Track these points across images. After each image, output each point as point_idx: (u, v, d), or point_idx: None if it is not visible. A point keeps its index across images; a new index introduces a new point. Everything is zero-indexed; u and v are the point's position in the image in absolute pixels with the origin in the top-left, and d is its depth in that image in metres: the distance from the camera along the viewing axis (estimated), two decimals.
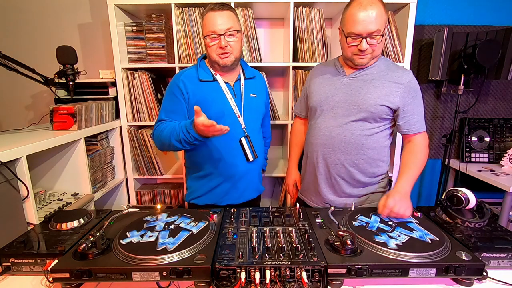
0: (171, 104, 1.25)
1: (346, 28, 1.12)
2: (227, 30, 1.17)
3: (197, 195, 1.34)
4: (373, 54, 1.14)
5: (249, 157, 1.28)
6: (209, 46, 1.21)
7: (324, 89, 1.26)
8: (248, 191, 1.36)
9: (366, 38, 1.09)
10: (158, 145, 1.24)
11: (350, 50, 1.15)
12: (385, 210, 1.01)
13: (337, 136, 1.21)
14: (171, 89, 1.26)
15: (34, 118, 2.24)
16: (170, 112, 1.24)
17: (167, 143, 1.18)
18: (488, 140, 2.22)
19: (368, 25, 1.06)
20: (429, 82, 2.22)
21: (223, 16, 1.17)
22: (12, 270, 0.84)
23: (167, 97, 1.27)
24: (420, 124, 1.19)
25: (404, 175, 1.14)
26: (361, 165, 1.22)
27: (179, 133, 1.12)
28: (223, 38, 1.17)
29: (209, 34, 1.18)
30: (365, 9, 1.05)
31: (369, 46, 1.10)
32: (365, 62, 1.16)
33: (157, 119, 1.27)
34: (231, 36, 1.19)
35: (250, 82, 1.35)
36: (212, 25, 1.17)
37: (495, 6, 2.12)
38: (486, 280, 0.81)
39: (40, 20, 2.10)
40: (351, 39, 1.12)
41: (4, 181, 1.04)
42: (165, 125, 1.20)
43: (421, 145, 1.19)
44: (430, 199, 2.47)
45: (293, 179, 1.52)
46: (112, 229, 0.93)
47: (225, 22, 1.17)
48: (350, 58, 1.17)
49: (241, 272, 0.74)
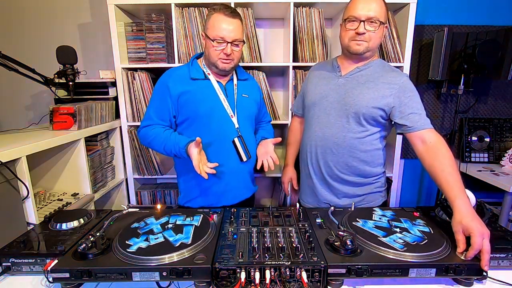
0: (158, 103, 1.26)
1: (346, 14, 1.14)
2: (236, 39, 1.18)
3: (191, 197, 1.33)
4: (370, 44, 1.13)
5: (243, 158, 1.28)
6: (212, 47, 1.19)
7: (319, 88, 1.26)
8: (242, 191, 1.36)
9: (364, 22, 1.09)
10: (144, 145, 1.30)
11: (348, 35, 1.15)
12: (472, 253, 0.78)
13: (330, 138, 1.20)
14: (159, 88, 1.26)
15: (34, 118, 2.23)
16: (157, 112, 1.25)
17: (155, 149, 1.25)
18: (488, 140, 2.22)
19: (367, 10, 1.09)
20: (429, 82, 2.22)
21: (234, 24, 1.18)
22: (12, 270, 0.84)
23: (155, 97, 1.27)
24: (424, 121, 1.09)
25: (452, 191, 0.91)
26: (354, 167, 1.21)
27: (171, 148, 1.18)
28: (230, 46, 1.18)
29: (217, 39, 1.17)
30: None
31: (367, 32, 1.10)
32: (361, 50, 1.14)
33: (144, 117, 1.28)
34: (237, 46, 1.21)
35: (243, 84, 1.35)
36: (221, 30, 1.16)
37: (495, 6, 2.12)
38: (486, 280, 0.81)
39: (40, 20, 2.10)
40: (350, 22, 1.12)
41: (4, 181, 1.04)
42: (156, 133, 1.22)
43: (437, 143, 1.03)
44: (430, 199, 2.47)
45: (289, 177, 1.52)
46: (112, 229, 0.93)
47: (235, 32, 1.18)
48: (347, 46, 1.17)
49: (241, 272, 0.74)
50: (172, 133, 1.22)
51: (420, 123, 1.10)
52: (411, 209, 1.09)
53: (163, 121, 1.26)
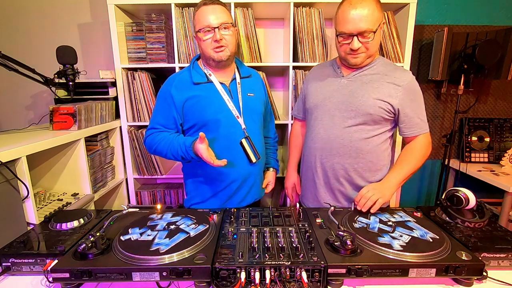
0: (162, 112, 1.23)
1: (338, 28, 1.11)
2: (222, 23, 1.15)
3: (198, 200, 1.31)
4: (367, 52, 1.11)
5: (252, 159, 1.25)
6: (203, 41, 1.17)
7: (321, 90, 1.24)
8: (250, 194, 1.32)
9: (357, 37, 1.07)
10: (151, 152, 1.27)
11: (343, 49, 1.13)
12: (357, 197, 1.02)
13: (336, 140, 1.19)
14: (163, 96, 1.24)
15: (34, 118, 2.23)
16: (161, 121, 1.23)
17: (163, 155, 1.22)
18: (488, 140, 2.22)
19: (358, 23, 1.05)
20: (429, 82, 2.22)
21: (216, 9, 1.15)
22: (12, 270, 0.84)
23: (159, 104, 1.25)
24: (420, 127, 1.16)
25: (394, 170, 1.15)
26: (360, 169, 1.20)
27: (177, 149, 1.15)
28: (218, 31, 1.14)
29: (203, 28, 1.15)
30: (355, 8, 1.04)
31: (362, 44, 1.08)
32: (359, 62, 1.13)
33: (149, 126, 1.26)
34: (226, 29, 1.17)
35: (247, 81, 1.32)
36: (206, 19, 1.14)
37: (495, 6, 2.12)
38: (486, 280, 0.81)
39: (40, 20, 2.10)
40: (342, 38, 1.10)
41: (4, 181, 1.04)
42: (161, 137, 1.20)
43: (421, 143, 1.18)
44: (430, 199, 2.47)
45: (292, 182, 1.49)
46: (112, 229, 0.93)
47: (219, 16, 1.15)
48: (343, 58, 1.16)
49: (241, 272, 0.74)
50: (177, 136, 1.20)
51: (415, 130, 1.16)
52: (411, 209, 1.09)
53: (170, 129, 1.24)
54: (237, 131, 1.24)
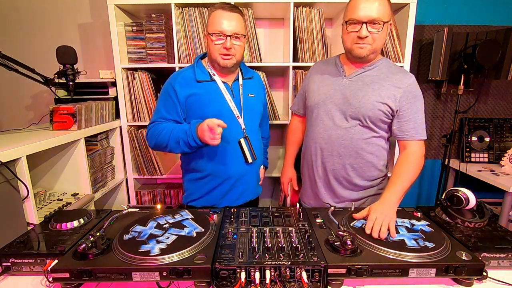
0: (166, 106, 1.24)
1: (347, 16, 1.10)
2: (235, 33, 1.17)
3: (194, 197, 1.33)
4: (373, 45, 1.10)
5: (248, 159, 1.27)
6: (213, 43, 1.18)
7: (323, 89, 1.23)
8: (246, 193, 1.35)
9: (366, 24, 1.06)
10: (152, 145, 1.26)
11: (350, 38, 1.11)
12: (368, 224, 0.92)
13: (336, 140, 1.19)
14: (167, 91, 1.24)
15: (34, 118, 2.24)
16: (165, 114, 1.24)
17: (164, 145, 1.20)
18: (488, 140, 2.22)
19: (369, 10, 1.04)
20: (429, 82, 2.22)
21: (233, 18, 1.17)
22: (12, 270, 0.84)
23: (162, 99, 1.26)
24: (416, 131, 1.12)
25: (392, 186, 1.06)
26: (360, 169, 1.20)
27: (179, 134, 1.15)
28: (229, 40, 1.16)
29: (216, 33, 1.16)
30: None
31: (370, 34, 1.07)
32: (364, 53, 1.11)
33: (152, 120, 1.27)
34: (237, 39, 1.19)
35: (249, 82, 1.34)
36: (220, 24, 1.15)
37: (495, 6, 2.12)
38: (486, 280, 0.80)
39: (40, 20, 2.10)
40: (351, 25, 1.09)
41: (4, 181, 1.04)
42: (163, 126, 1.20)
43: (415, 155, 1.12)
44: (430, 199, 2.47)
45: (288, 177, 1.50)
46: (112, 229, 0.93)
47: (234, 25, 1.16)
48: (349, 49, 1.14)
49: (241, 272, 0.73)
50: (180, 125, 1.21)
51: (410, 134, 1.13)
52: (411, 209, 1.09)
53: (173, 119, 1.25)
54: (237, 130, 1.26)
